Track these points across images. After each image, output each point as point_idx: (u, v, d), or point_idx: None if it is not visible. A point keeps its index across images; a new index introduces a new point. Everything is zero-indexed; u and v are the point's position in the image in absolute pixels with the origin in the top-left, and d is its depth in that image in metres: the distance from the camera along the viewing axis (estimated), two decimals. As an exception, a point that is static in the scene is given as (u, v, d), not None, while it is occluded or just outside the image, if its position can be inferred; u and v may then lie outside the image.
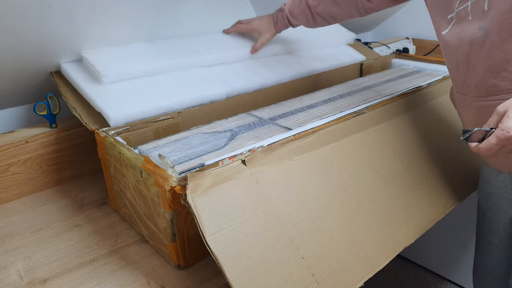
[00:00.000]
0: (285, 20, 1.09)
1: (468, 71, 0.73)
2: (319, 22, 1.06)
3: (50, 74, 0.97)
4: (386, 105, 0.90)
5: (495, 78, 0.68)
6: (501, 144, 0.58)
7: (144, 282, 0.69)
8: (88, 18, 0.87)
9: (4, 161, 0.89)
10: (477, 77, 0.71)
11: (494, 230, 0.87)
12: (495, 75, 0.68)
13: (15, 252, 0.77)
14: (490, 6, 0.66)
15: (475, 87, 0.73)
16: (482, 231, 0.92)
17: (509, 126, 0.57)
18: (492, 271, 0.90)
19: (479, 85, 0.72)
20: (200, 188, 0.61)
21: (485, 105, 0.71)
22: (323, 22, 1.06)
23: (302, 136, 0.74)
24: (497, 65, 0.67)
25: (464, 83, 0.75)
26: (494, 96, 0.70)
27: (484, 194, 0.89)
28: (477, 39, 0.69)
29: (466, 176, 0.95)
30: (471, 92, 0.74)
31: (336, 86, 1.17)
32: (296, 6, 1.06)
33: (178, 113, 0.94)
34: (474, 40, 0.69)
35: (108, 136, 0.81)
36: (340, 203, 0.73)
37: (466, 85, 0.75)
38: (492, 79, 0.69)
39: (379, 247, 0.73)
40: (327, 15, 1.03)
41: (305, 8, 1.04)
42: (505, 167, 0.78)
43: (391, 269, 1.68)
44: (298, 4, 1.05)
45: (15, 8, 0.74)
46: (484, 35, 0.67)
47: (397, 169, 0.84)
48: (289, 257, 0.63)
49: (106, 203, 0.92)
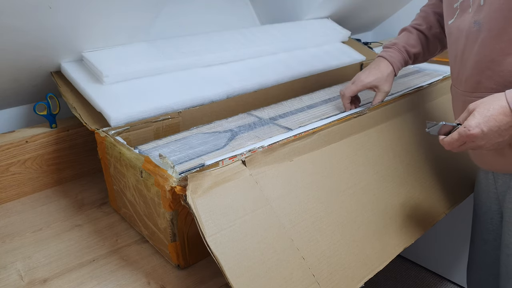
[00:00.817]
0: (403, 54, 0.91)
1: (462, 65, 0.73)
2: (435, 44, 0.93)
3: (50, 74, 0.97)
4: (386, 106, 0.90)
5: (481, 76, 0.69)
6: (462, 141, 0.61)
7: (144, 282, 0.69)
8: (88, 18, 0.86)
9: (4, 161, 0.89)
10: (467, 72, 0.72)
11: (488, 229, 0.87)
12: (481, 73, 0.68)
13: (15, 252, 0.77)
14: (485, 1, 0.65)
15: (464, 81, 0.73)
16: (475, 230, 0.92)
17: (471, 125, 0.59)
18: (486, 269, 0.90)
19: (467, 80, 0.72)
20: (200, 188, 0.61)
21: (469, 101, 0.71)
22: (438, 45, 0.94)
23: (303, 137, 0.74)
24: (483, 63, 0.67)
25: (458, 76, 0.75)
26: (477, 93, 0.70)
27: (476, 193, 0.90)
28: (472, 33, 0.68)
29: (466, 177, 0.95)
30: (461, 85, 0.74)
31: (336, 86, 1.17)
32: (408, 37, 0.93)
33: (178, 113, 0.94)
34: (469, 34, 0.69)
35: (108, 136, 0.81)
36: (340, 203, 0.73)
37: (459, 79, 0.75)
38: (478, 76, 0.69)
39: (379, 247, 0.73)
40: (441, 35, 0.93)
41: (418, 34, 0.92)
42: (486, 165, 0.78)
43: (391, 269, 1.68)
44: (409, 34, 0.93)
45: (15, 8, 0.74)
46: (478, 30, 0.67)
47: (397, 170, 0.84)
48: (289, 258, 0.63)
49: (106, 203, 0.92)
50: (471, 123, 0.59)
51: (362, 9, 1.60)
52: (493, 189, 0.82)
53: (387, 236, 0.75)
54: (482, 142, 0.60)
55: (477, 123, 0.59)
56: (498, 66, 0.65)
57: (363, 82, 0.90)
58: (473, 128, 0.59)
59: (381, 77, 0.90)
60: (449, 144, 0.63)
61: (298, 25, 1.35)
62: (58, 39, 0.88)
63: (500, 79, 0.66)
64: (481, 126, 0.59)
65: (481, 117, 0.59)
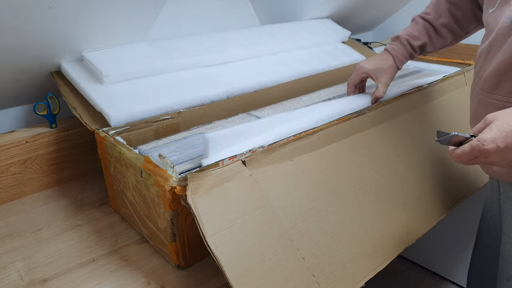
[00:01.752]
0: (406, 46, 0.90)
1: (486, 60, 0.68)
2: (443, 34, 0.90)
3: (50, 74, 0.97)
4: (386, 105, 0.90)
5: (501, 76, 0.64)
6: (474, 155, 0.56)
7: (144, 282, 0.69)
8: (88, 18, 0.87)
9: (4, 161, 0.89)
10: (489, 70, 0.67)
11: (492, 235, 0.86)
12: (503, 73, 0.64)
13: (15, 252, 0.77)
14: None
15: (484, 79, 0.69)
16: (480, 234, 0.91)
17: (486, 139, 0.54)
18: (488, 273, 0.90)
19: (487, 78, 0.68)
20: (200, 188, 0.61)
21: (484, 101, 0.69)
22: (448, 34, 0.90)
23: (302, 137, 0.74)
24: (508, 63, 0.63)
25: (479, 72, 0.71)
26: (494, 95, 0.67)
27: (485, 197, 0.89)
28: (504, 29, 0.63)
29: (466, 177, 0.95)
30: (480, 83, 0.70)
31: (336, 86, 1.17)
32: (413, 28, 0.91)
33: (178, 113, 0.94)
34: (500, 29, 0.64)
35: (108, 136, 0.81)
36: (340, 203, 0.73)
37: (479, 75, 0.71)
38: (498, 76, 0.65)
39: (380, 247, 0.73)
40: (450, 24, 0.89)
41: (424, 23, 0.90)
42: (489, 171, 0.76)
43: (391, 269, 1.68)
44: (414, 25, 0.92)
45: (15, 7, 0.74)
46: (509, 27, 0.62)
47: (398, 170, 0.84)
48: (290, 258, 0.63)
49: (106, 203, 0.92)
50: (487, 137, 0.53)
51: (362, 9, 1.60)
52: (496, 195, 0.81)
53: (388, 235, 0.75)
54: (496, 158, 0.54)
55: (493, 137, 0.53)
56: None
57: (363, 69, 0.90)
58: (488, 143, 0.53)
59: (381, 68, 0.89)
60: (458, 157, 0.57)
61: (298, 25, 1.35)
62: (58, 39, 0.88)
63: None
64: (497, 141, 0.53)
65: (499, 131, 0.53)
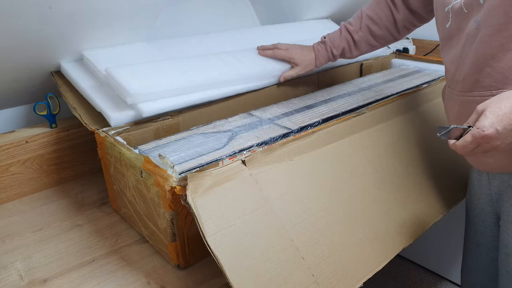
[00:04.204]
0: (328, 53, 1.05)
1: (459, 65, 0.72)
2: (360, 46, 1.03)
3: (50, 74, 0.97)
4: (386, 105, 0.90)
5: (479, 74, 0.68)
6: (476, 143, 0.58)
7: (144, 282, 0.69)
8: (88, 18, 0.86)
9: (4, 161, 0.89)
10: (464, 72, 0.71)
11: (480, 232, 0.87)
12: (480, 71, 0.68)
13: (15, 252, 0.77)
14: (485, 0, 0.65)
15: (461, 81, 0.72)
16: (468, 233, 0.92)
17: (484, 125, 0.56)
18: (480, 271, 0.90)
19: (465, 80, 0.71)
20: (200, 188, 0.61)
21: (467, 100, 0.71)
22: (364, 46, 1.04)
23: (302, 137, 0.74)
24: (482, 60, 0.67)
25: (454, 77, 0.75)
26: (476, 92, 0.69)
27: (468, 195, 0.89)
28: (471, 32, 0.68)
29: (465, 177, 0.95)
30: (458, 86, 0.73)
31: (336, 86, 1.17)
32: (337, 36, 1.04)
33: (178, 113, 0.94)
34: (469, 33, 0.68)
35: (108, 136, 0.81)
36: (339, 203, 0.73)
37: (455, 79, 0.74)
38: (476, 74, 0.68)
39: (379, 247, 0.73)
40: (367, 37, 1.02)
41: (346, 34, 1.03)
42: (483, 165, 0.77)
43: (391, 269, 1.68)
44: (338, 33, 1.04)
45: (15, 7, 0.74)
46: (477, 28, 0.66)
47: (397, 170, 0.84)
48: (289, 258, 0.63)
49: (106, 203, 0.92)
50: (485, 123, 0.56)
51: (362, 9, 1.60)
52: (486, 190, 0.82)
53: (387, 236, 0.75)
54: (497, 142, 0.57)
55: (491, 122, 0.56)
56: (498, 62, 0.65)
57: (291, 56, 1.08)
58: (487, 128, 0.56)
59: (303, 57, 1.07)
60: (462, 148, 0.60)
61: (298, 25, 1.35)
62: (58, 39, 0.88)
63: (499, 76, 0.65)
64: (495, 125, 0.56)
65: (494, 116, 0.57)
